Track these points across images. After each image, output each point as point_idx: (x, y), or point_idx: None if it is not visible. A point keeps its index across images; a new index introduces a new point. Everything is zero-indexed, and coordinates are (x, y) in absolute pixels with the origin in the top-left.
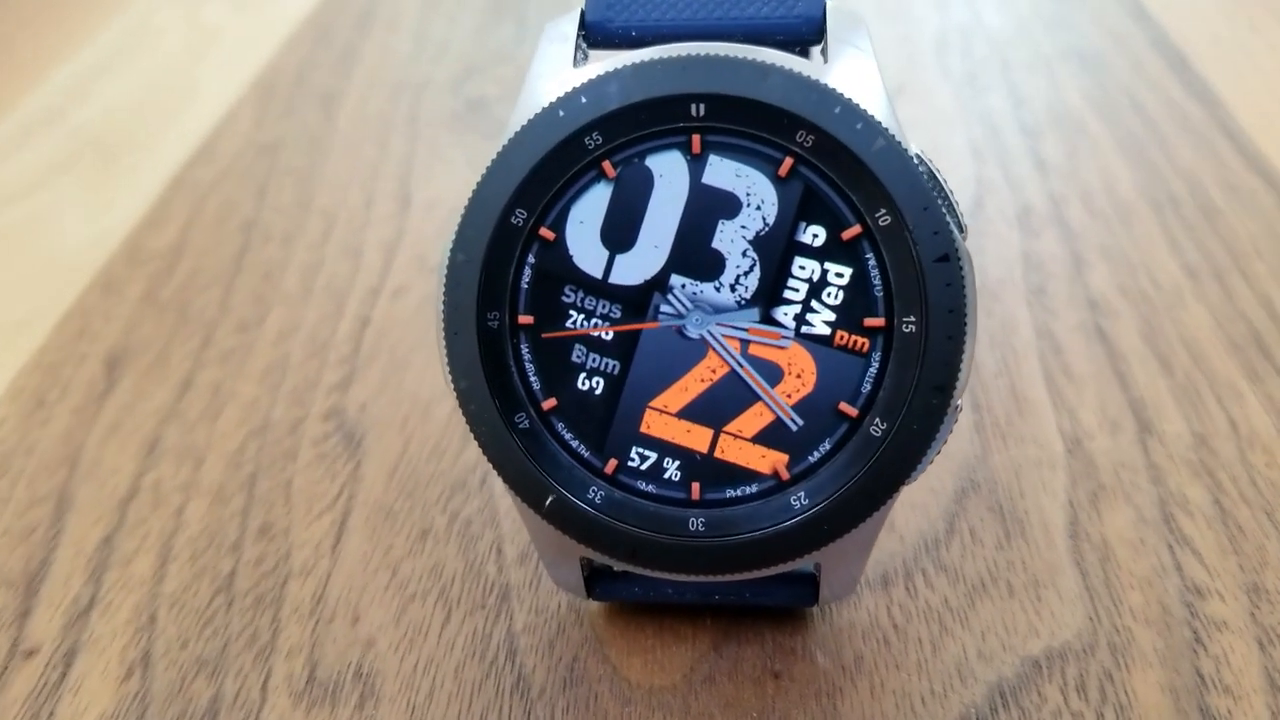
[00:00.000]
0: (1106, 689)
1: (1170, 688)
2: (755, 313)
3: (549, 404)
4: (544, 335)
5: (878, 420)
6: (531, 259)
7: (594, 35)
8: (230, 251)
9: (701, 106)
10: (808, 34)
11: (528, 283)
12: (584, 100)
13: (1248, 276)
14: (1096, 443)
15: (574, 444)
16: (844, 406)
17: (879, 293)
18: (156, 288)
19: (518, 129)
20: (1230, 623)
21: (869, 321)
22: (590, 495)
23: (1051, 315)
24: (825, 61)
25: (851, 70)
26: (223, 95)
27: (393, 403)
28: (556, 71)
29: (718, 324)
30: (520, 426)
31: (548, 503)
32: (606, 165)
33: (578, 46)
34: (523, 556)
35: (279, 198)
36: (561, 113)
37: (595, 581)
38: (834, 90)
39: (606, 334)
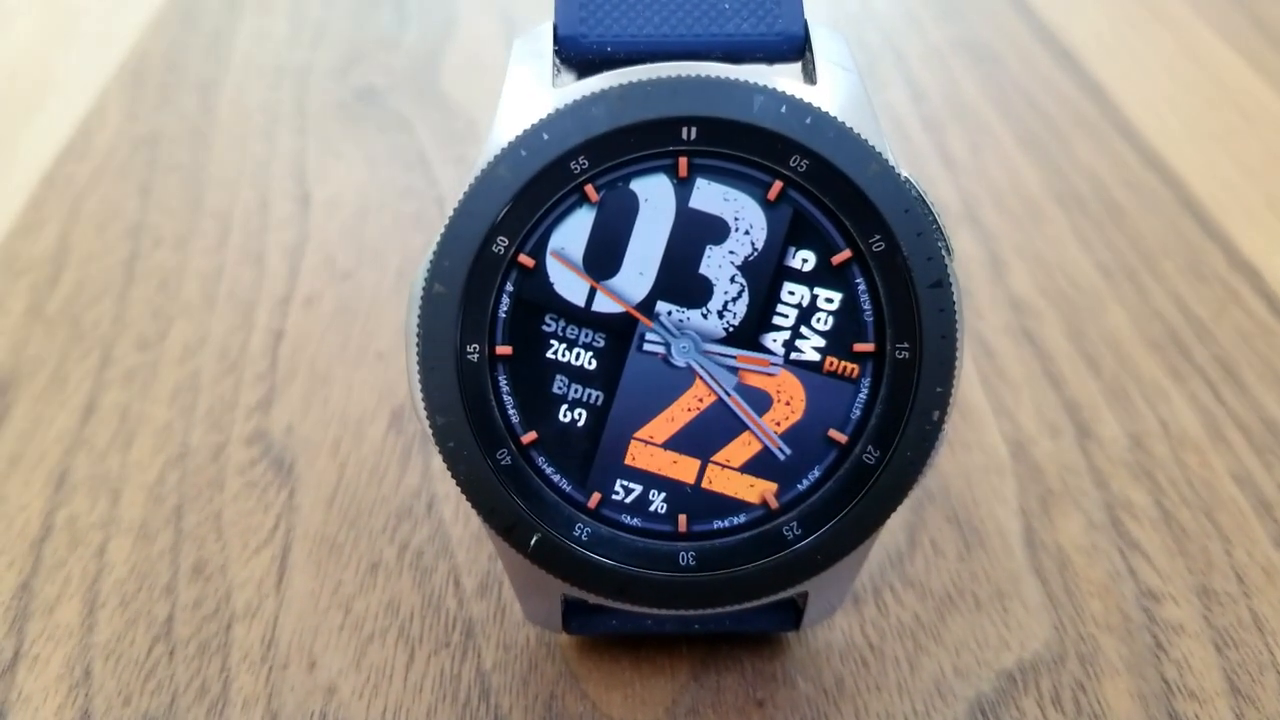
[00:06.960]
0: (1080, 699)
1: (1139, 695)
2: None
3: (529, 437)
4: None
5: (870, 448)
6: (510, 287)
7: (568, 51)
8: (118, 258)
9: (693, 130)
10: (788, 51)
11: (506, 312)
12: (569, 123)
13: (1157, 275)
14: (1039, 447)
15: (555, 478)
16: (834, 433)
17: (869, 318)
18: (40, 301)
19: (496, 152)
20: (1187, 626)
21: (859, 347)
22: (577, 533)
23: (976, 317)
24: (813, 82)
25: (839, 90)
26: (87, 84)
27: (320, 423)
28: (533, 92)
29: (705, 353)
30: (502, 464)
31: (533, 543)
32: (589, 189)
33: (554, 64)
34: (482, 588)
35: (164, 198)
36: (546, 136)
37: (571, 615)
38: (828, 114)
39: (590, 362)
